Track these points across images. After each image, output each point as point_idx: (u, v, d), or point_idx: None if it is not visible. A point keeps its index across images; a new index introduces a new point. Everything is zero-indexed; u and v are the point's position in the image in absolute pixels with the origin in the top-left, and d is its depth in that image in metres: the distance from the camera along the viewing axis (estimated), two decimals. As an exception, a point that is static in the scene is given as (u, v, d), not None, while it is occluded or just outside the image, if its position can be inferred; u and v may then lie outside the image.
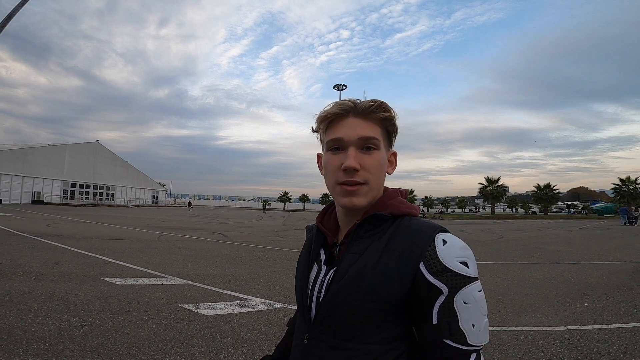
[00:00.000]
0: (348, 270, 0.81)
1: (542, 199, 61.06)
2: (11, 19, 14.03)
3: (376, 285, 0.77)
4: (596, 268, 8.78)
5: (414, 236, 0.80)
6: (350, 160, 0.82)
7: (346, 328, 0.79)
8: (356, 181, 0.83)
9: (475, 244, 14.65)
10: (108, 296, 5.25)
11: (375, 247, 0.82)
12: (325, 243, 0.96)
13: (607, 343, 3.95)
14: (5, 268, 6.69)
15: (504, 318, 4.80)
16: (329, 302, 0.82)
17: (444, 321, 0.74)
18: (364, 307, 0.78)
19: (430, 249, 0.77)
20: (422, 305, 0.76)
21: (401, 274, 0.76)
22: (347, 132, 0.84)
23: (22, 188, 45.04)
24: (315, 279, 0.90)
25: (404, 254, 0.78)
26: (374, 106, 0.85)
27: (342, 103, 0.87)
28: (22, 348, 3.40)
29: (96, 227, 16.96)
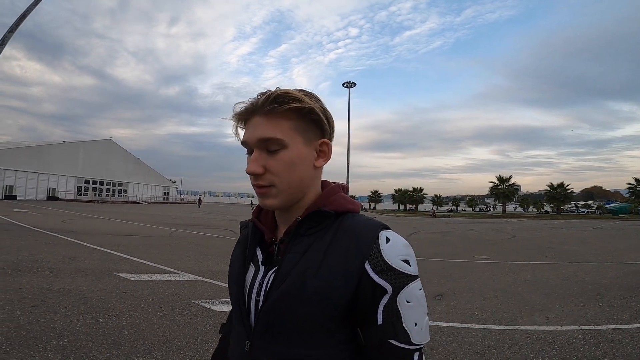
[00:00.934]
0: (289, 272, 0.75)
1: (555, 199, 60.18)
2: (25, 18, 14.27)
3: (322, 289, 0.72)
4: (610, 268, 8.67)
5: (358, 235, 0.76)
6: (249, 166, 0.77)
7: (292, 335, 0.74)
8: (261, 184, 0.77)
9: (486, 243, 14.55)
10: (123, 292, 5.36)
11: (318, 246, 0.76)
12: (262, 241, 0.86)
13: (621, 343, 3.92)
14: (22, 264, 6.85)
15: (516, 317, 4.79)
16: (271, 309, 0.74)
17: (389, 321, 0.72)
18: (310, 312, 0.72)
19: (374, 247, 0.74)
20: (367, 306, 0.73)
21: (347, 275, 0.73)
22: (249, 134, 0.78)
23: (38, 184, 45.86)
24: (252, 281, 0.81)
25: (348, 253, 0.74)
26: (271, 99, 0.75)
27: (247, 101, 0.79)
28: (42, 344, 3.48)
29: (110, 223, 17.23)
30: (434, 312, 4.98)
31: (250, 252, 0.85)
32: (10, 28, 13.96)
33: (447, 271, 8.04)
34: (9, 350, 3.28)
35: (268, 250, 0.84)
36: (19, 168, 43.07)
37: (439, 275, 7.54)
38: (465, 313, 4.96)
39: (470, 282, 6.96)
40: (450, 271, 8.05)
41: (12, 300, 4.69)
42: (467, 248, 12.69)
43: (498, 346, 3.81)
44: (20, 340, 3.52)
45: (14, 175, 42.56)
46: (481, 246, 13.28)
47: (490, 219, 39.61)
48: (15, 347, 3.34)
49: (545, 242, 15.01)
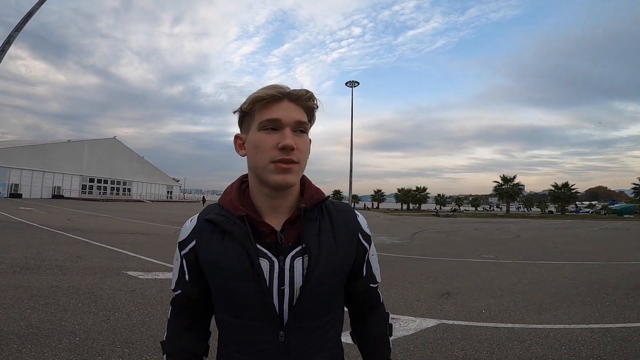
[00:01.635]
0: (319, 253, 0.88)
1: (560, 199, 59.92)
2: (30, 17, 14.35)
3: (342, 260, 0.93)
4: (616, 268, 8.65)
5: (349, 214, 1.00)
6: (289, 139, 0.84)
7: (320, 307, 0.90)
8: (292, 159, 0.84)
9: (491, 242, 14.53)
10: (132, 290, 5.39)
11: (324, 227, 0.93)
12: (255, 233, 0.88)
13: (630, 341, 3.92)
14: (31, 262, 6.90)
15: (524, 316, 4.78)
16: (315, 288, 0.86)
17: (368, 272, 1.03)
18: (337, 281, 0.94)
19: (358, 221, 1.01)
20: (359, 265, 1.00)
21: (352, 245, 0.97)
22: (284, 114, 0.86)
23: (43, 183, 46.08)
24: (271, 274, 0.85)
25: (348, 229, 0.97)
26: (307, 95, 0.89)
27: (278, 87, 0.88)
28: (55, 342, 3.48)
29: (115, 221, 17.32)
30: (441, 310, 4.99)
31: (254, 247, 0.86)
32: (16, 27, 14.04)
33: (452, 270, 8.04)
34: (21, 350, 3.29)
35: (267, 240, 0.87)
36: (24, 167, 43.29)
37: (445, 274, 7.54)
38: (473, 311, 4.96)
39: (476, 281, 6.96)
40: (456, 270, 8.05)
41: (22, 298, 4.73)
42: (472, 247, 12.67)
43: (507, 344, 3.81)
44: (33, 339, 3.53)
45: (19, 173, 42.79)
46: (486, 246, 13.25)
47: (494, 219, 39.50)
48: (28, 346, 3.36)
49: (550, 242, 14.98)
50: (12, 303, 4.52)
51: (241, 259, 0.85)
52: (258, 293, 0.84)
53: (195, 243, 0.93)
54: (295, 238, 0.88)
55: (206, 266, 0.91)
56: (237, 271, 0.85)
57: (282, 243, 0.87)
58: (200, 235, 0.93)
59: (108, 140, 59.97)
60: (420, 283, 6.66)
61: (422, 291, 6.05)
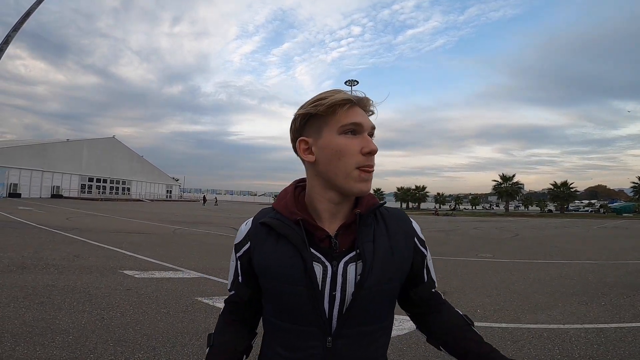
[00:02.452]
0: (373, 259, 0.85)
1: (559, 197, 60.02)
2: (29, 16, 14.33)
3: (399, 267, 0.91)
4: (614, 267, 8.65)
5: (404, 220, 0.99)
6: (373, 145, 0.84)
7: (372, 313, 0.88)
8: (373, 165, 0.86)
9: (489, 241, 14.54)
10: (128, 289, 5.39)
11: (379, 233, 0.91)
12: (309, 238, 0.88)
13: (624, 342, 3.92)
14: (27, 261, 6.90)
15: (519, 315, 4.79)
16: (368, 295, 0.84)
17: (429, 277, 1.02)
18: (391, 288, 0.90)
19: (413, 227, 1.00)
20: (418, 270, 0.99)
21: (408, 250, 0.95)
22: (363, 119, 0.86)
23: (42, 182, 46.04)
24: (324, 279, 0.85)
25: (405, 234, 0.96)
26: (371, 103, 0.90)
27: (347, 93, 0.88)
28: (47, 340, 3.50)
29: (114, 220, 17.32)
30: (436, 310, 4.99)
31: (308, 251, 0.85)
32: (14, 27, 14.03)
33: (450, 269, 8.05)
34: (15, 347, 3.30)
35: (322, 245, 0.87)
36: (23, 166, 43.25)
37: (442, 273, 7.54)
38: (468, 310, 4.96)
39: (473, 280, 6.96)
40: (454, 269, 8.06)
41: (18, 297, 4.73)
42: (471, 246, 12.68)
43: (500, 344, 3.81)
44: (26, 337, 3.54)
45: (18, 173, 42.75)
46: (484, 244, 13.26)
47: (494, 218, 39.52)
48: (21, 344, 3.37)
49: (549, 240, 14.99)
50: (7, 302, 4.52)
51: (295, 263, 0.85)
52: (309, 297, 0.84)
53: (249, 245, 0.94)
54: (350, 243, 0.88)
55: (259, 269, 0.91)
56: (290, 274, 0.85)
57: (336, 248, 0.87)
58: (255, 238, 0.93)
59: (107, 139, 59.93)
60: (417, 282, 6.65)
61: (418, 290, 6.03)
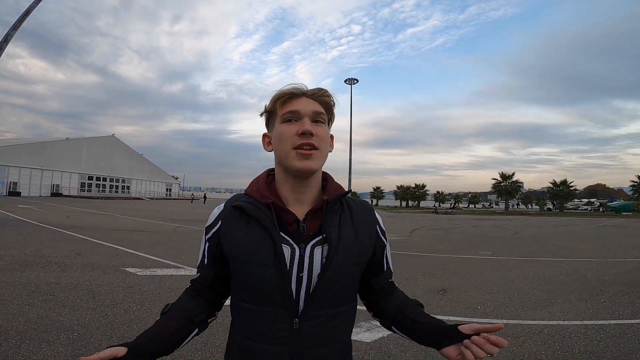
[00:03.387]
0: (339, 242, 0.93)
1: (558, 196, 60.06)
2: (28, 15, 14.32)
3: (362, 251, 0.98)
4: (613, 265, 8.69)
5: (367, 210, 1.06)
6: (308, 125, 0.92)
7: (338, 296, 0.94)
8: (312, 144, 0.92)
9: (489, 239, 14.57)
10: (130, 286, 5.43)
11: (344, 220, 0.98)
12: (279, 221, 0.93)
13: (623, 337, 3.96)
14: (30, 259, 6.93)
15: (519, 312, 4.83)
16: (332, 277, 0.90)
17: (388, 266, 1.09)
18: (354, 272, 0.97)
19: (376, 217, 1.07)
20: (379, 259, 1.05)
21: (371, 237, 1.02)
22: (302, 106, 0.94)
23: (42, 181, 46.10)
24: (291, 261, 0.89)
25: (368, 222, 1.03)
26: (322, 92, 0.98)
27: (296, 86, 0.98)
28: (52, 337, 3.51)
29: (114, 218, 17.34)
30: (437, 306, 5.03)
31: (277, 233, 0.90)
32: (13, 25, 14.02)
33: (450, 267, 8.08)
34: (20, 345, 3.32)
35: (290, 229, 0.93)
36: (23, 164, 43.26)
37: (442, 270, 7.58)
38: (468, 307, 5.00)
39: (473, 277, 7.00)
40: (453, 267, 8.09)
41: (21, 294, 4.76)
42: (470, 244, 12.72)
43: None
44: (31, 334, 3.56)
45: (18, 171, 42.77)
46: (484, 242, 13.30)
47: (493, 216, 39.55)
48: (26, 342, 3.39)
49: (548, 239, 15.03)
50: (10, 299, 4.55)
51: (265, 244, 0.90)
52: (278, 278, 0.88)
53: (219, 226, 0.98)
54: (317, 228, 0.94)
55: (230, 250, 0.94)
56: (260, 256, 0.89)
57: (303, 232, 0.92)
58: (226, 220, 0.97)
59: (107, 138, 59.94)
60: (417, 279, 6.70)
61: (418, 287, 6.09)
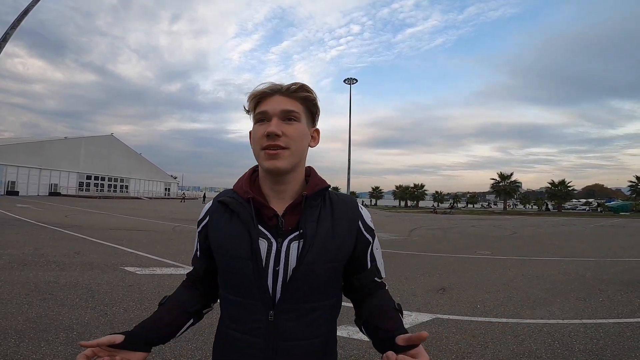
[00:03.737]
0: (314, 237, 0.93)
1: (557, 196, 60.10)
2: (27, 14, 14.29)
3: (339, 247, 0.96)
4: (611, 265, 8.71)
5: (350, 206, 1.04)
6: (272, 127, 0.92)
7: (314, 291, 0.93)
8: (278, 145, 0.92)
9: (487, 239, 14.59)
10: (130, 285, 5.42)
11: (324, 214, 0.98)
12: (259, 216, 0.96)
13: (622, 336, 3.97)
14: (28, 258, 6.91)
15: (518, 311, 4.83)
16: (307, 271, 0.90)
17: (372, 265, 1.04)
18: (331, 267, 0.95)
19: (361, 213, 1.04)
20: (361, 255, 1.02)
21: (351, 233, 1.00)
22: (272, 106, 0.95)
23: (40, 180, 45.97)
24: (268, 254, 0.91)
25: (349, 217, 1.01)
26: (297, 87, 0.97)
27: (271, 84, 0.98)
28: (52, 337, 3.50)
29: (113, 218, 17.30)
30: (436, 304, 5.03)
31: (256, 227, 0.93)
32: (12, 25, 13.98)
33: (449, 266, 8.09)
34: (19, 344, 3.31)
35: (270, 223, 0.95)
36: (21, 164, 43.15)
37: (441, 270, 7.59)
38: (468, 306, 5.01)
39: (472, 276, 7.01)
40: (453, 266, 8.10)
41: (20, 293, 4.75)
42: (469, 244, 12.73)
43: (501, 338, 3.86)
44: (30, 333, 3.55)
45: (16, 171, 42.64)
46: (483, 242, 13.32)
47: (491, 216, 39.61)
48: (25, 340, 3.38)
49: (547, 238, 15.07)
50: (9, 298, 4.54)
51: (243, 238, 0.92)
52: (254, 272, 0.90)
53: (207, 221, 1.03)
54: (296, 223, 0.95)
55: (214, 244, 0.99)
56: (239, 249, 0.92)
57: (282, 226, 0.94)
58: (213, 215, 1.02)
59: (105, 137, 59.80)
60: (417, 278, 6.71)
61: (418, 286, 6.09)
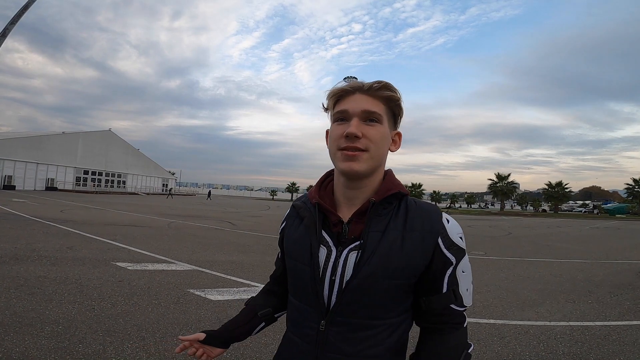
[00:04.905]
0: (376, 250, 0.85)
1: (554, 197, 60.18)
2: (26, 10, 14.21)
3: (405, 263, 0.85)
4: (603, 266, 8.75)
5: (429, 217, 0.90)
6: (352, 128, 0.86)
7: (370, 306, 0.86)
8: (357, 147, 0.87)
9: (482, 239, 14.62)
10: (120, 280, 5.41)
11: (394, 225, 0.88)
12: (326, 222, 0.93)
13: (608, 339, 3.99)
14: (20, 252, 6.89)
15: (506, 312, 4.85)
16: (359, 285, 0.84)
17: (450, 289, 0.89)
18: (392, 285, 0.85)
19: (443, 226, 0.89)
20: (436, 276, 0.88)
21: (424, 249, 0.87)
22: (352, 105, 0.90)
23: (36, 175, 45.76)
24: (326, 262, 0.89)
25: (424, 231, 0.88)
26: (380, 85, 0.91)
27: (352, 82, 0.93)
28: (36, 330, 3.51)
29: (108, 213, 17.26)
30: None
31: (319, 233, 0.92)
32: (12, 20, 13.91)
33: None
34: (4, 337, 3.31)
35: (333, 230, 0.91)
36: (18, 158, 42.95)
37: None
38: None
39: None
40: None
41: (9, 288, 4.73)
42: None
43: (487, 339, 3.87)
44: (16, 327, 3.55)
45: (12, 165, 42.45)
46: (477, 242, 13.33)
47: (488, 216, 39.65)
48: (10, 334, 3.38)
49: (541, 239, 15.10)
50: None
51: (305, 244, 0.92)
52: (311, 278, 0.89)
53: (284, 225, 1.06)
54: (361, 231, 0.89)
55: (285, 245, 1.03)
56: (301, 254, 0.93)
57: (345, 234, 0.90)
58: (289, 219, 1.04)
59: (103, 132, 59.55)
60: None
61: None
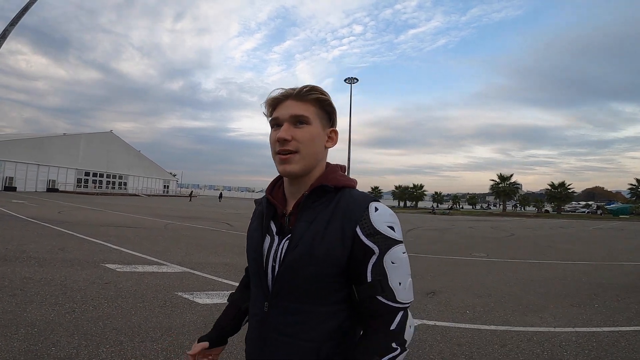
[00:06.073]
0: (301, 238, 0.91)
1: (556, 198, 59.83)
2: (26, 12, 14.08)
3: (326, 251, 0.89)
4: (608, 269, 8.51)
5: (352, 205, 0.93)
6: (281, 132, 0.95)
7: (304, 293, 0.91)
8: (288, 150, 0.95)
9: (484, 240, 14.40)
10: (106, 282, 5.22)
11: (322, 216, 0.93)
12: (275, 214, 1.02)
13: (617, 346, 3.76)
14: (10, 253, 6.72)
15: (508, 317, 4.63)
16: (287, 270, 0.91)
17: (376, 280, 0.88)
18: (319, 272, 0.89)
19: (365, 214, 0.91)
20: (359, 266, 0.89)
21: (344, 238, 0.89)
22: (282, 112, 0.98)
23: (38, 176, 45.75)
24: (269, 250, 0.97)
25: (344, 220, 0.91)
26: (307, 89, 0.98)
27: (284, 89, 1.01)
28: (10, 332, 3.37)
29: (107, 215, 17.11)
30: (424, 310, 4.82)
31: (266, 224, 1.01)
32: (12, 21, 13.79)
33: (442, 268, 7.89)
34: (-23, 340, 3.15)
35: (280, 221, 1.00)
36: (19, 159, 42.96)
37: (434, 272, 7.39)
38: (457, 312, 4.80)
39: (465, 279, 6.80)
40: (446, 268, 7.90)
41: (-9, 289, 4.56)
42: (465, 245, 12.53)
43: (487, 347, 3.65)
44: (-10, 329, 3.40)
45: (14, 166, 42.46)
46: (479, 244, 13.11)
47: (490, 217, 39.38)
48: (-16, 337, 3.22)
49: (544, 241, 14.85)
50: (-23, 295, 4.35)
51: (257, 234, 1.02)
52: (258, 264, 0.98)
53: (251, 220, 1.13)
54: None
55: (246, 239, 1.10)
56: (252, 244, 1.03)
57: (286, 225, 0.98)
58: (253, 214, 1.12)
59: (104, 134, 59.58)
60: (407, 281, 6.49)
61: (407, 289, 5.87)
